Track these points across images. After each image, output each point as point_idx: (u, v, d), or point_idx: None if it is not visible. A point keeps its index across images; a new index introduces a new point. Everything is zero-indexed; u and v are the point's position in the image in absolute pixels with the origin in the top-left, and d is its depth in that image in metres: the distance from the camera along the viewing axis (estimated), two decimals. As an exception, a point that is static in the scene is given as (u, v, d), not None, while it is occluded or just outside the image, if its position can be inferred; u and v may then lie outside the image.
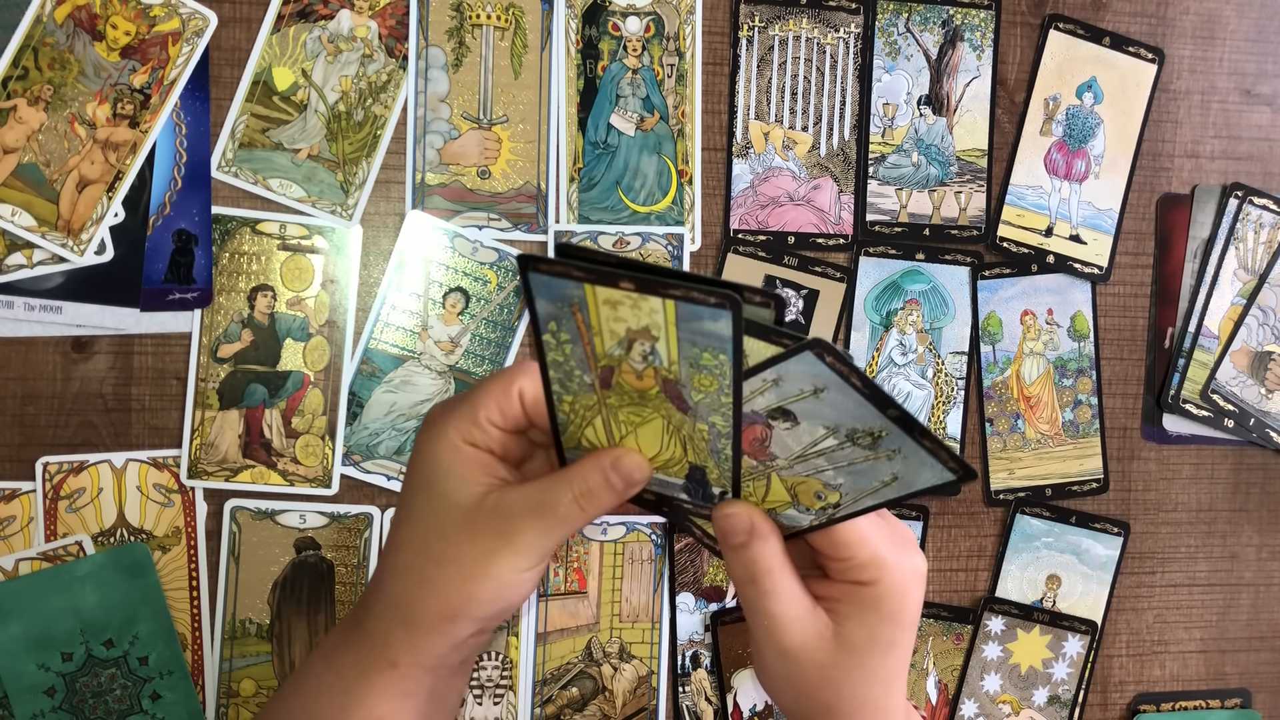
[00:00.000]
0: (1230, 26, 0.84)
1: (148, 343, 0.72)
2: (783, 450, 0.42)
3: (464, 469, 0.44)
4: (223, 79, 0.72)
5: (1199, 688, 0.86)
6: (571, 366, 0.41)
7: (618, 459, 0.43)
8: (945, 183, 0.80)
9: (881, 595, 0.44)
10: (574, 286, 0.38)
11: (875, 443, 0.40)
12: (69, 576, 0.70)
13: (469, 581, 0.43)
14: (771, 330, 0.37)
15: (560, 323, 0.40)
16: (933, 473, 0.40)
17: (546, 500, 0.43)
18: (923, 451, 0.39)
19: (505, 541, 0.43)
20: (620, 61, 0.76)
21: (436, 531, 0.44)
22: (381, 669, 0.45)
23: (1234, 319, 0.83)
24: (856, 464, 0.41)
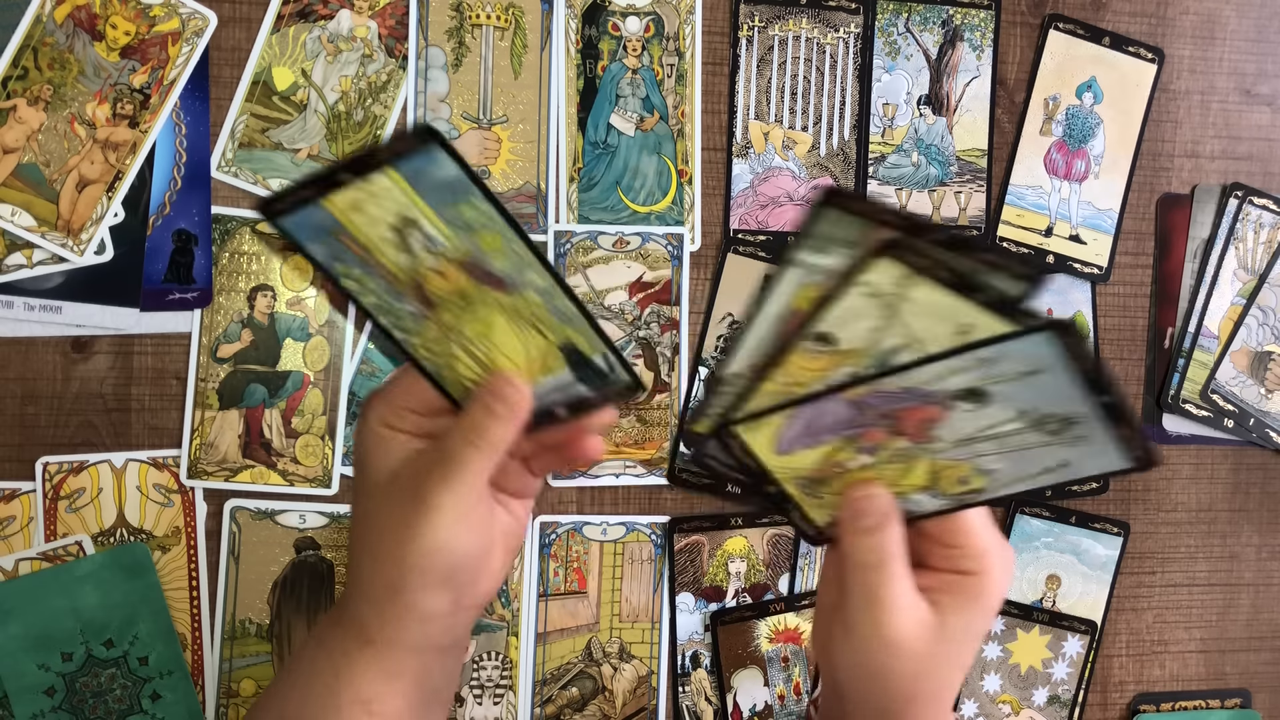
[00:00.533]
0: (1230, 26, 0.84)
1: (148, 343, 0.72)
2: (949, 433, 0.40)
3: (382, 450, 0.45)
4: (222, 79, 0.72)
5: (1199, 688, 0.86)
6: (387, 300, 0.40)
7: (489, 382, 0.44)
8: (945, 183, 0.80)
9: (985, 586, 0.44)
10: (317, 211, 0.37)
11: (1063, 429, 0.38)
12: (69, 576, 0.70)
13: (397, 548, 0.44)
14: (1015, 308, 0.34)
15: (342, 258, 0.39)
16: (1107, 460, 0.38)
17: (444, 451, 0.44)
18: (1112, 440, 0.37)
19: (416, 502, 0.43)
20: (620, 61, 0.76)
21: (364, 512, 0.45)
22: (361, 647, 0.45)
23: (1234, 319, 0.83)
24: (1029, 449, 0.39)
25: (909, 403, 0.38)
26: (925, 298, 0.35)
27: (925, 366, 0.36)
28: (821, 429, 0.41)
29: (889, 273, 0.35)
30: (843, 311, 0.36)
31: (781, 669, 0.79)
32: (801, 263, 0.37)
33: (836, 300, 0.36)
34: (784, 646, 0.79)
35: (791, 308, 0.38)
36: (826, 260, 0.36)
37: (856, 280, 0.35)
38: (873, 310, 0.36)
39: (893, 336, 0.37)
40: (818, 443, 0.42)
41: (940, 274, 0.35)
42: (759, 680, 0.79)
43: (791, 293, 0.38)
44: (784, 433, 0.41)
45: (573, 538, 0.76)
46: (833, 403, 0.39)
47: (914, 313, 0.36)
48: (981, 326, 0.35)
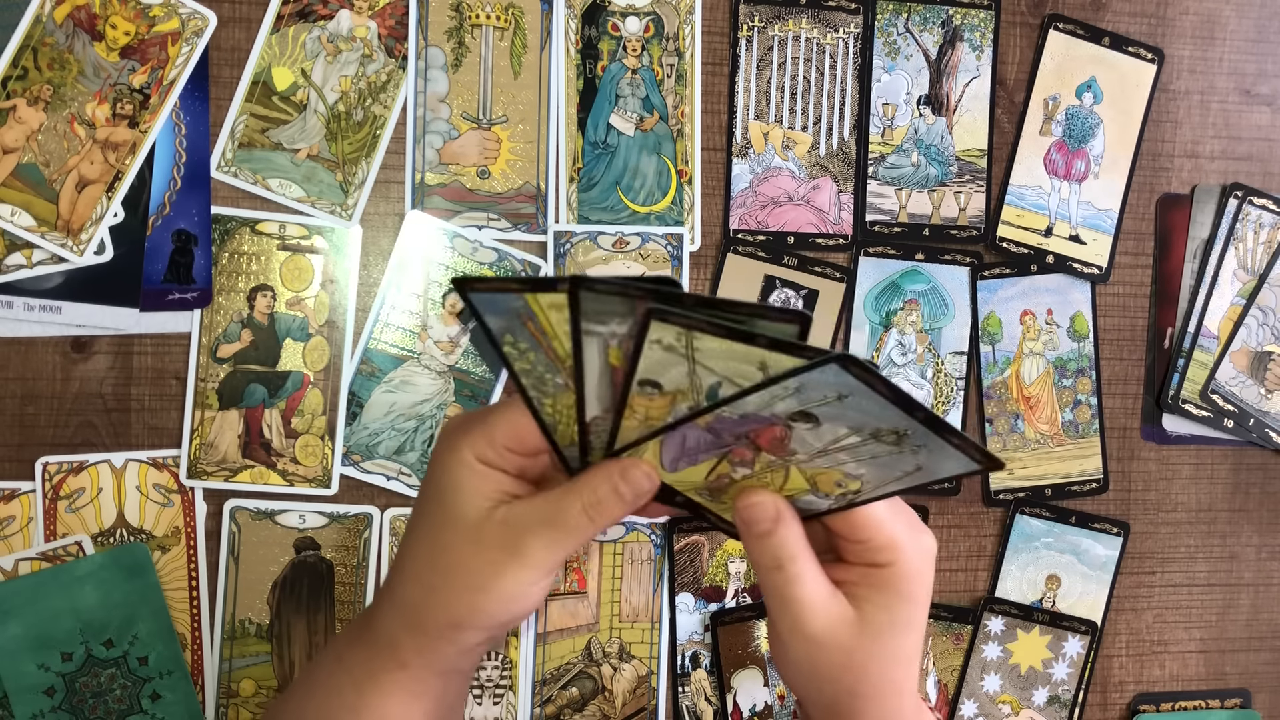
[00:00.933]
0: (1230, 26, 0.84)
1: (147, 343, 0.72)
2: (803, 447, 0.42)
3: (476, 484, 0.44)
4: (222, 79, 0.72)
5: (1199, 688, 0.86)
6: (540, 371, 0.42)
7: (625, 469, 0.43)
8: (945, 183, 0.80)
9: (899, 576, 0.44)
10: (515, 299, 0.39)
11: (900, 440, 0.40)
12: (69, 576, 0.70)
13: (476, 593, 0.43)
14: (798, 346, 0.37)
15: (515, 333, 0.41)
16: (958, 464, 0.40)
17: (555, 512, 0.43)
18: (949, 447, 0.39)
19: (512, 554, 0.43)
20: (620, 61, 0.76)
21: (445, 544, 0.44)
22: (391, 670, 0.45)
23: (1234, 319, 0.83)
24: (880, 457, 0.41)
25: (755, 425, 0.41)
26: (711, 346, 0.38)
27: (746, 398, 0.39)
28: (694, 450, 0.43)
29: (666, 331, 0.38)
30: (650, 364, 0.39)
31: (781, 669, 0.79)
32: (591, 331, 0.40)
33: (638, 357, 0.39)
34: (784, 646, 0.79)
35: (609, 363, 0.41)
36: (610, 327, 0.39)
37: (643, 340, 0.38)
38: (673, 359, 0.39)
39: (706, 376, 0.39)
40: (697, 461, 0.44)
41: (709, 328, 0.37)
42: (759, 680, 0.79)
43: (600, 354, 0.40)
44: (664, 456, 0.44)
45: (572, 538, 0.76)
46: (689, 429, 0.42)
47: (709, 357, 0.38)
48: (774, 362, 0.38)
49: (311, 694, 0.48)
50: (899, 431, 0.40)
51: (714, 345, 0.38)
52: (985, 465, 0.40)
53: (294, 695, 0.49)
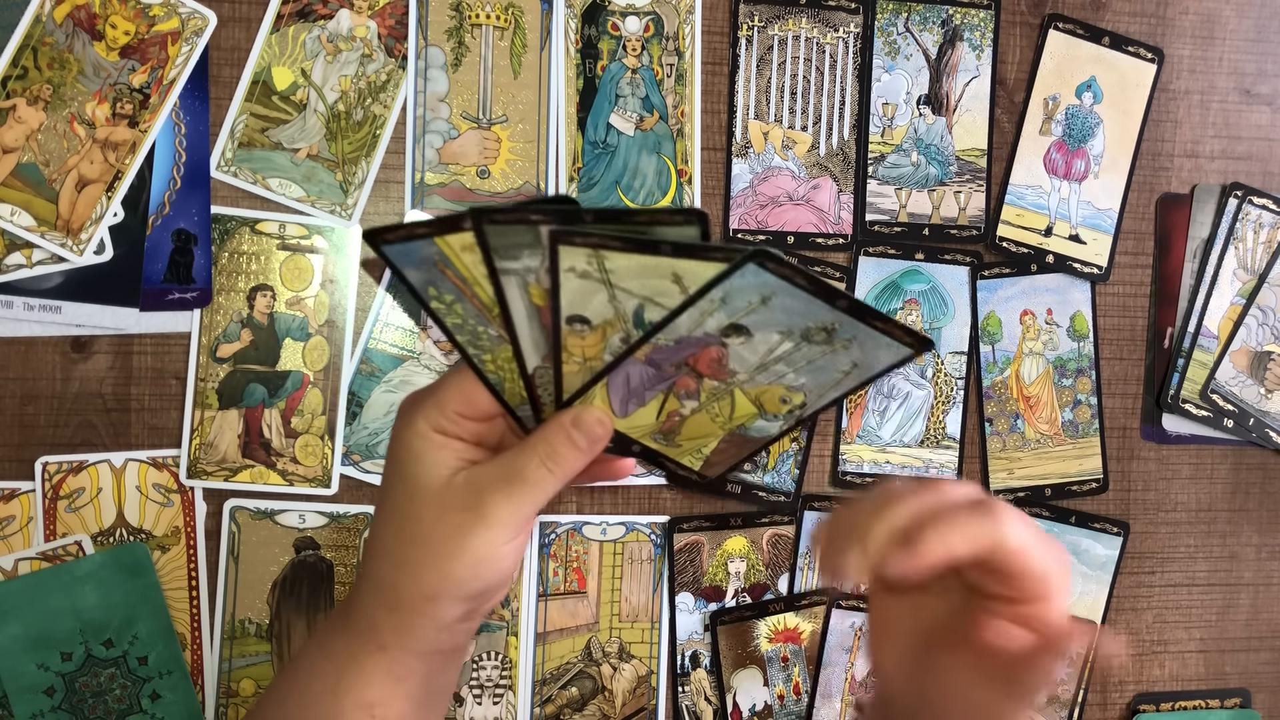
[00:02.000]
0: (1230, 26, 0.84)
1: (147, 343, 0.72)
2: (741, 365, 0.42)
3: (434, 454, 0.44)
4: (222, 79, 0.72)
5: (1199, 688, 0.85)
6: (472, 324, 0.42)
7: (577, 416, 0.44)
8: (945, 182, 0.80)
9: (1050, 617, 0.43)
10: (427, 245, 0.39)
11: (830, 336, 0.40)
12: (69, 576, 0.70)
13: (444, 559, 0.43)
14: (704, 248, 0.37)
15: (437, 285, 0.40)
16: (890, 352, 0.40)
17: (514, 468, 0.43)
18: (877, 334, 0.39)
19: (476, 515, 0.43)
20: (620, 61, 0.76)
21: (410, 515, 0.44)
22: (371, 652, 0.45)
23: (1233, 319, 0.83)
24: (815, 361, 0.41)
25: (690, 349, 0.41)
26: (622, 264, 0.38)
27: (673, 321, 0.39)
28: (640, 388, 0.43)
29: (576, 256, 0.37)
30: (571, 295, 0.39)
31: (781, 669, 0.79)
32: (507, 270, 0.39)
33: (558, 289, 0.39)
34: (783, 646, 0.79)
35: (534, 304, 0.41)
36: (524, 261, 0.39)
37: (558, 269, 0.38)
38: (592, 286, 0.39)
39: (629, 300, 0.39)
40: (645, 400, 0.44)
41: (614, 244, 0.37)
42: (758, 680, 0.79)
43: (523, 294, 0.40)
44: (612, 401, 0.44)
45: (572, 538, 0.76)
46: (631, 366, 0.42)
47: (624, 277, 0.38)
48: (688, 272, 0.38)
49: (294, 680, 0.48)
50: (827, 327, 0.40)
51: (625, 262, 0.37)
52: (914, 346, 0.40)
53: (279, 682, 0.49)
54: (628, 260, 0.37)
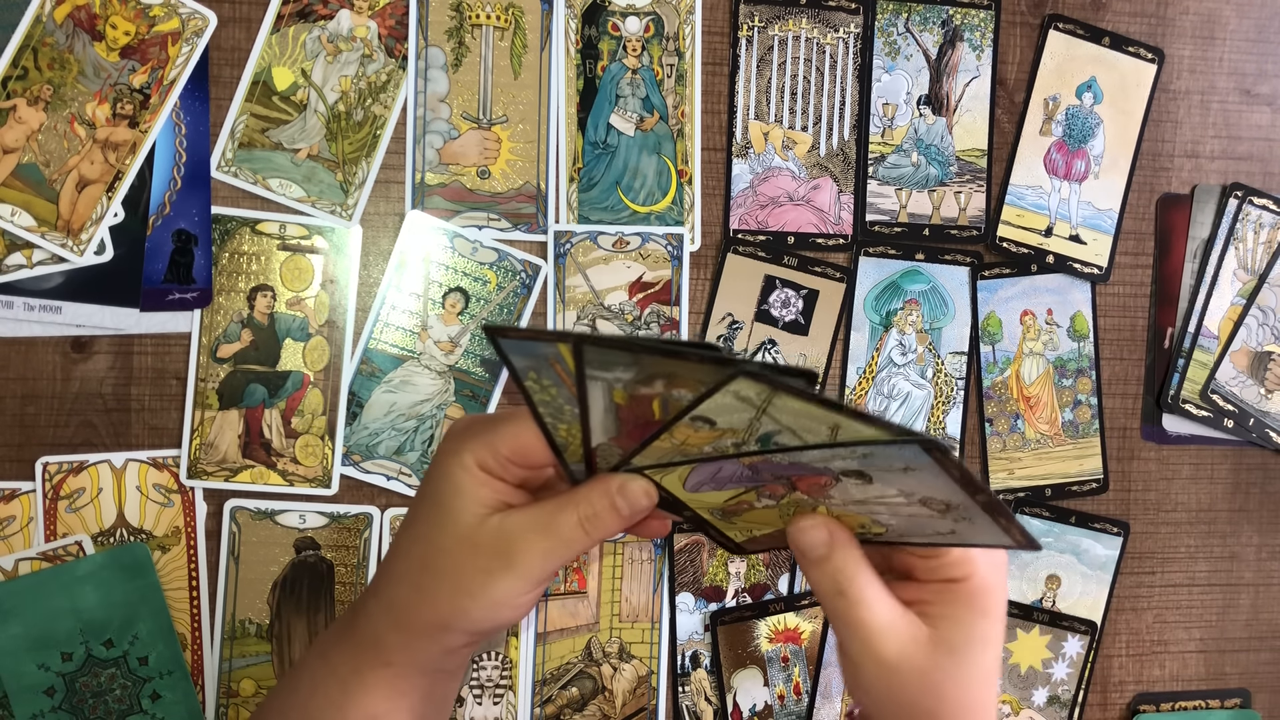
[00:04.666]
0: (1230, 26, 0.84)
1: (147, 343, 0.72)
2: (843, 495, 0.41)
3: (474, 489, 0.44)
4: (222, 79, 0.72)
5: (1199, 688, 0.86)
6: (560, 403, 0.42)
7: (623, 485, 0.43)
8: (945, 183, 0.80)
9: (974, 591, 0.43)
10: (546, 347, 0.39)
11: (947, 511, 0.39)
12: (69, 576, 0.70)
13: (464, 597, 0.43)
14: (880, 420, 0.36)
15: (540, 372, 0.41)
16: (992, 536, 0.39)
17: (550, 522, 0.43)
18: (995, 526, 0.39)
19: (505, 562, 0.43)
20: (620, 61, 0.76)
21: (438, 546, 0.44)
22: (375, 668, 0.45)
23: (1234, 319, 0.83)
24: (918, 518, 0.41)
25: (801, 472, 0.40)
26: (791, 405, 0.37)
27: (807, 452, 0.39)
28: (725, 479, 0.43)
29: (752, 388, 0.37)
30: (715, 406, 0.38)
31: (781, 669, 0.79)
32: (596, 377, 0.39)
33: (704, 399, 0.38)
34: (784, 646, 0.79)
35: (613, 400, 0.40)
36: (615, 374, 0.39)
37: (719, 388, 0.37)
38: (742, 408, 0.38)
39: (768, 424, 0.39)
40: (723, 488, 0.44)
41: (801, 394, 0.36)
42: (759, 680, 0.79)
43: (605, 395, 0.40)
44: (689, 479, 0.43)
45: (572, 538, 0.76)
46: (729, 464, 0.41)
47: (782, 413, 0.38)
48: (848, 427, 0.37)
49: (296, 690, 0.48)
50: (949, 504, 0.39)
51: (794, 405, 0.37)
52: (1021, 547, 0.39)
53: (280, 692, 0.49)
54: (799, 405, 0.37)
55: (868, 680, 0.43)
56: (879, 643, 0.43)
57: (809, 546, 0.43)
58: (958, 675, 0.43)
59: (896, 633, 0.43)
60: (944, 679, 0.43)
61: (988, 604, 0.43)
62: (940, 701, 0.43)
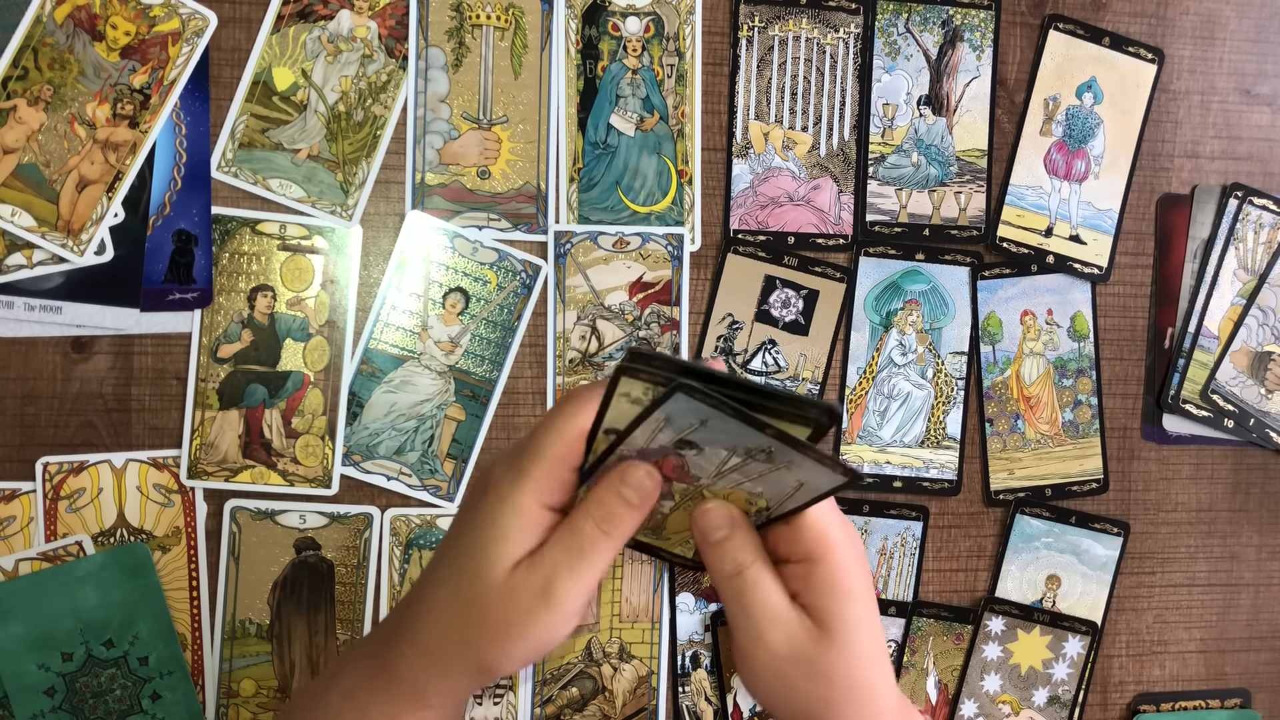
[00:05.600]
0: (1230, 26, 0.84)
1: (148, 343, 0.72)
2: (701, 471, 0.43)
3: (521, 533, 0.43)
4: (223, 79, 0.72)
5: (1199, 688, 0.86)
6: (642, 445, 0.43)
7: (624, 472, 0.43)
8: (945, 183, 0.80)
9: (834, 572, 0.45)
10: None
11: (770, 457, 0.41)
12: (69, 576, 0.70)
13: (509, 642, 0.43)
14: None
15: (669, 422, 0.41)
16: (827, 477, 0.41)
17: (574, 542, 0.43)
18: (812, 461, 0.40)
19: (544, 601, 0.43)
20: (620, 62, 0.76)
21: (478, 599, 0.44)
22: (414, 711, 0.45)
23: (1234, 319, 0.83)
24: (766, 475, 0.42)
25: (653, 458, 0.43)
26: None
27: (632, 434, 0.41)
28: None
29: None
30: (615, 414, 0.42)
31: (781, 669, 0.79)
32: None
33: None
34: (784, 646, 0.79)
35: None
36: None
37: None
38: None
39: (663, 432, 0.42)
40: None
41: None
42: (759, 680, 0.79)
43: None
44: None
45: (573, 538, 0.76)
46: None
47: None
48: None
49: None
50: (766, 449, 0.40)
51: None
52: (847, 477, 0.40)
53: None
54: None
55: (761, 669, 0.45)
56: (768, 628, 0.44)
57: (711, 527, 0.45)
58: (841, 659, 0.45)
59: (785, 622, 0.44)
60: (829, 665, 0.44)
61: (851, 585, 0.45)
62: (830, 687, 0.45)
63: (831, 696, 0.45)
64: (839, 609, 0.45)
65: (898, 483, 0.80)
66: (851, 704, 0.45)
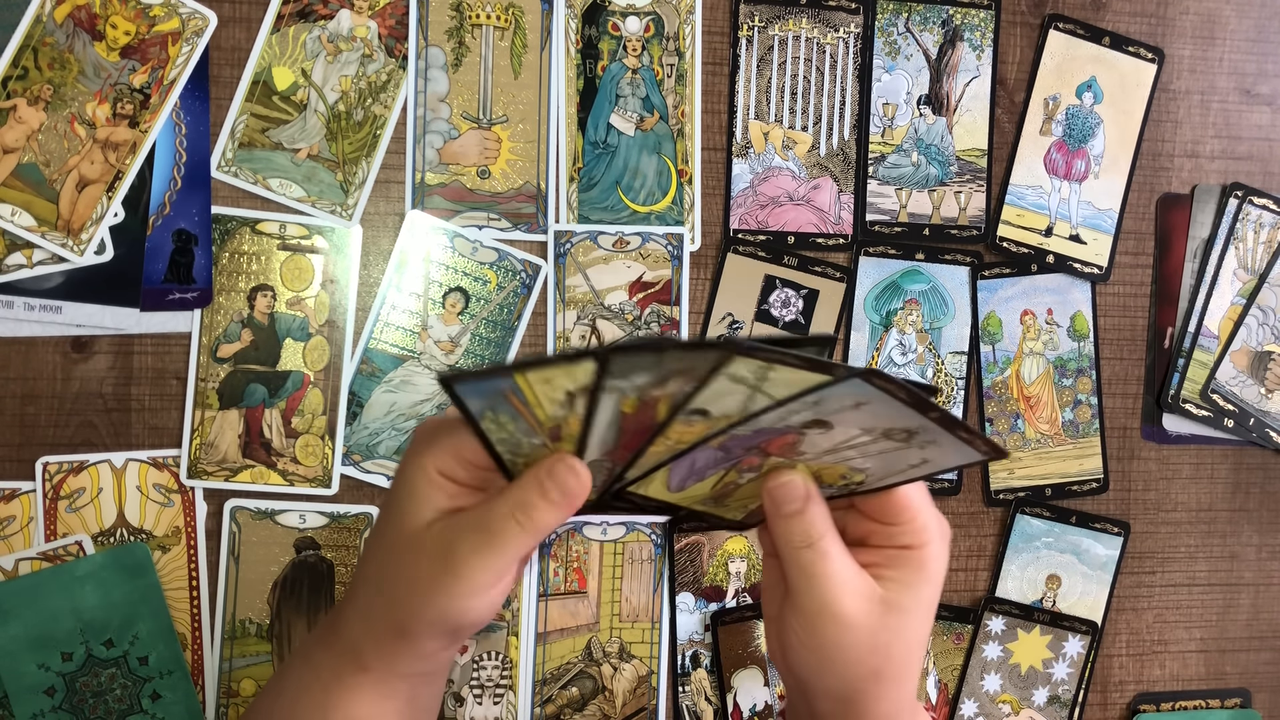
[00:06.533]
0: (1230, 26, 0.84)
1: (148, 343, 0.72)
2: (813, 448, 0.43)
3: (429, 493, 0.44)
4: (222, 79, 0.72)
5: (1199, 688, 0.86)
6: (519, 438, 0.42)
7: (551, 467, 0.42)
8: (945, 182, 0.80)
9: (928, 558, 0.45)
10: (503, 380, 0.39)
11: (910, 436, 0.41)
12: (69, 576, 0.70)
13: (417, 601, 0.43)
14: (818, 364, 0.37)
15: (496, 409, 0.40)
16: (961, 454, 0.41)
17: (484, 519, 0.43)
18: (958, 441, 0.40)
19: (445, 567, 0.42)
20: (620, 61, 0.76)
21: (393, 550, 0.44)
22: (355, 673, 0.45)
23: (1234, 319, 0.83)
24: (887, 453, 0.42)
25: (767, 437, 0.42)
26: (784, 376, 0.38)
27: (763, 415, 0.40)
28: (703, 468, 0.44)
29: (747, 367, 0.38)
30: (710, 395, 0.39)
31: (781, 669, 0.79)
32: (613, 388, 0.39)
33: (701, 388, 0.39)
34: (784, 646, 0.79)
35: (620, 410, 0.40)
36: (634, 381, 0.39)
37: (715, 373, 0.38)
38: (739, 390, 0.39)
39: (761, 402, 0.40)
40: (704, 477, 0.45)
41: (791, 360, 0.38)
42: (759, 680, 0.79)
43: (615, 405, 0.40)
44: (670, 479, 0.44)
45: (573, 538, 0.76)
46: (700, 452, 0.42)
47: (776, 387, 0.39)
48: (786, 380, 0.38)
49: (282, 694, 0.48)
50: (910, 429, 0.40)
51: (788, 376, 0.38)
52: (990, 456, 0.41)
53: (267, 694, 0.50)
54: (791, 374, 0.38)
55: (820, 635, 0.45)
56: (838, 596, 0.44)
57: (786, 499, 0.44)
58: (903, 635, 0.45)
59: (855, 589, 0.44)
60: (892, 639, 0.45)
61: (936, 570, 0.46)
62: (887, 660, 0.45)
63: (884, 671, 0.45)
64: (919, 589, 0.45)
65: (898, 482, 0.80)
66: (897, 681, 0.45)
